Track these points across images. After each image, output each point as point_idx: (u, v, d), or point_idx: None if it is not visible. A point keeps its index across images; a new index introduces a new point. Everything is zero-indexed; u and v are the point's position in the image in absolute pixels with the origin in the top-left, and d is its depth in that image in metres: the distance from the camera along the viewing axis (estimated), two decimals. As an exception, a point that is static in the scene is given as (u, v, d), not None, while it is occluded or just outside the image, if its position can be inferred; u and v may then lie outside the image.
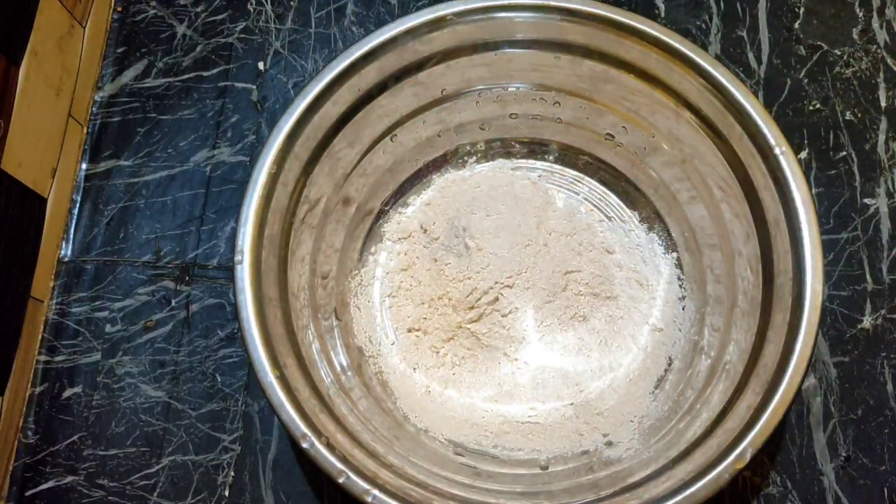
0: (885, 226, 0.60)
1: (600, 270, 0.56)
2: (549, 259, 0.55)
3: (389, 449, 0.47)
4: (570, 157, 0.60)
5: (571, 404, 0.55)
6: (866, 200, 0.61)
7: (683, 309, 0.56)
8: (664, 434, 0.49)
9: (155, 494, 0.55)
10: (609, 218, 0.59)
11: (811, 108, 0.63)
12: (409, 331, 0.56)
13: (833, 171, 0.61)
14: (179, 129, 0.63)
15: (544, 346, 0.56)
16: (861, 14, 0.65)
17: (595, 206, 0.59)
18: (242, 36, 0.66)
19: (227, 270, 0.60)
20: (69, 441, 0.56)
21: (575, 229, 0.57)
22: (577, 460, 0.51)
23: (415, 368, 0.56)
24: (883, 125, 0.62)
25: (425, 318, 0.56)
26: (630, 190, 0.59)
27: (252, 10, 0.66)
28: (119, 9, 0.66)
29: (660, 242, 0.58)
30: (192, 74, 0.64)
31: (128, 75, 0.65)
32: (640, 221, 0.59)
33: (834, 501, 0.54)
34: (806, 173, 0.60)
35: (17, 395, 0.56)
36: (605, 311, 0.56)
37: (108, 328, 0.58)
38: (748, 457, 0.41)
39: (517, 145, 0.60)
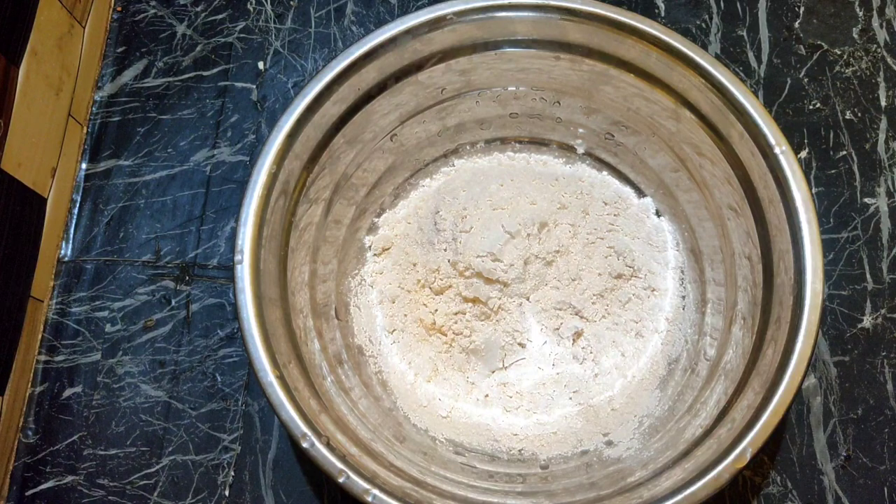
0: (885, 225, 0.60)
1: (601, 270, 0.56)
2: (553, 263, 0.55)
3: (389, 449, 0.47)
4: (569, 156, 0.60)
5: (572, 403, 0.55)
6: (866, 200, 0.61)
7: (684, 309, 0.56)
8: (664, 434, 0.49)
9: (155, 494, 0.55)
10: (609, 217, 0.59)
11: (811, 107, 0.63)
12: (410, 331, 0.56)
13: (833, 171, 0.61)
14: (179, 128, 0.63)
15: (546, 346, 0.56)
16: (861, 13, 0.65)
17: (595, 206, 0.59)
18: (242, 36, 0.66)
19: (227, 270, 0.60)
20: (69, 441, 0.56)
21: (576, 230, 0.57)
22: (577, 460, 0.52)
23: (415, 369, 0.56)
24: (883, 125, 0.62)
25: (426, 318, 0.56)
26: (630, 189, 0.59)
27: (252, 10, 0.66)
28: (119, 9, 0.66)
29: (660, 242, 0.58)
30: (191, 74, 0.64)
31: (127, 75, 0.65)
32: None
33: (834, 501, 0.54)
34: (806, 173, 0.60)
35: (17, 395, 0.56)
36: (605, 311, 0.56)
37: (108, 328, 0.58)
38: (748, 456, 0.41)
39: (517, 144, 0.60)
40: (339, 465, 0.42)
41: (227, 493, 0.55)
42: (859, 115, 0.63)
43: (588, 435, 0.53)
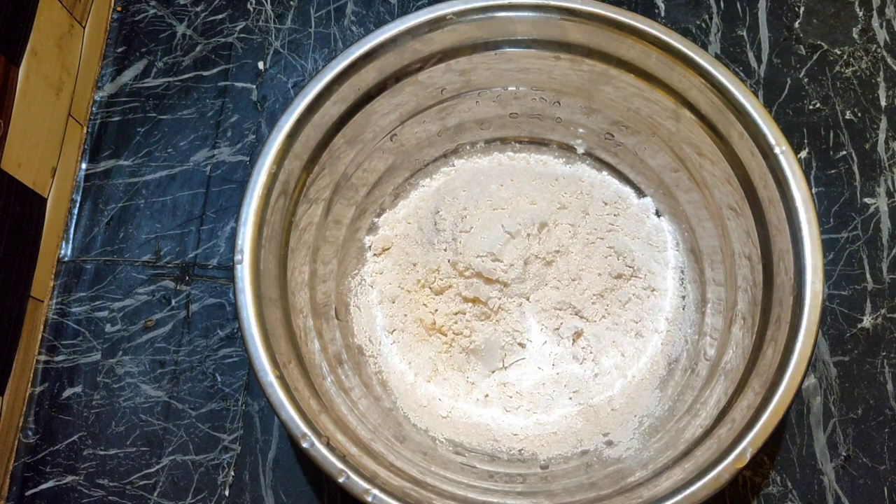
0: (885, 225, 0.60)
1: (601, 270, 0.56)
2: (553, 263, 0.55)
3: (389, 449, 0.47)
4: (569, 156, 0.60)
5: (572, 403, 0.55)
6: (866, 200, 0.61)
7: (684, 309, 0.56)
8: (664, 434, 0.49)
9: (155, 494, 0.55)
10: (609, 217, 0.59)
11: (811, 107, 0.63)
12: (410, 331, 0.56)
13: (833, 171, 0.61)
14: (179, 128, 0.63)
15: (546, 347, 0.56)
16: (861, 13, 0.65)
17: (595, 206, 0.59)
18: (242, 36, 0.66)
19: (227, 270, 0.60)
20: (69, 441, 0.56)
21: (576, 230, 0.57)
22: (577, 460, 0.52)
23: (415, 369, 0.56)
24: (883, 124, 0.62)
25: (426, 318, 0.56)
26: (630, 189, 0.59)
27: (252, 10, 0.66)
28: (119, 8, 0.66)
29: (660, 242, 0.58)
30: (191, 74, 0.64)
31: (128, 75, 0.65)
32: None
33: (834, 501, 0.54)
34: (806, 173, 0.60)
35: (17, 395, 0.56)
36: (605, 311, 0.56)
37: (108, 328, 0.58)
38: (748, 456, 0.41)
39: (517, 144, 0.60)
40: (339, 465, 0.42)
41: (227, 493, 0.55)
42: (859, 115, 0.63)
43: (588, 435, 0.53)
